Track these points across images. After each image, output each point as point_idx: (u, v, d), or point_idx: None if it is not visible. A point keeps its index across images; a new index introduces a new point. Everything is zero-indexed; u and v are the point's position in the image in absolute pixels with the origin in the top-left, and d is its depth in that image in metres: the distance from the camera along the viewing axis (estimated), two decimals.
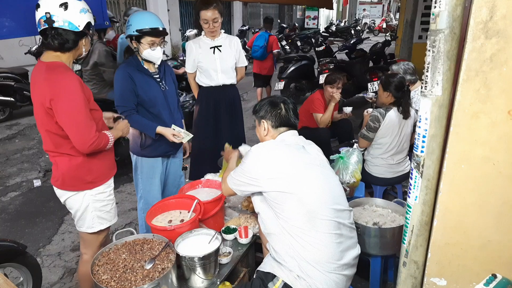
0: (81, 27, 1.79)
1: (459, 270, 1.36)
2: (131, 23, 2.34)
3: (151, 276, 1.64)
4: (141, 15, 2.40)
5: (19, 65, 6.98)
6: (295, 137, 1.92)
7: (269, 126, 1.91)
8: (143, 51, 2.37)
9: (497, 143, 1.18)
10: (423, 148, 1.30)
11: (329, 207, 1.72)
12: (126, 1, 10.06)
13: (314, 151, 1.91)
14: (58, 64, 1.80)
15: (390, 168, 3.15)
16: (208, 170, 2.83)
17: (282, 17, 20.21)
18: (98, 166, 1.99)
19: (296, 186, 1.70)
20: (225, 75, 3.15)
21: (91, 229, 2.06)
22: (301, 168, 1.75)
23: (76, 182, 1.95)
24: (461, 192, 1.28)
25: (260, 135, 1.98)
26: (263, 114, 1.93)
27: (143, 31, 2.31)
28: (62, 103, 1.75)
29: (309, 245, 1.66)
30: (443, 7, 1.14)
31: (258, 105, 1.98)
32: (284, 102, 1.94)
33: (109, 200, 2.09)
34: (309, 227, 1.67)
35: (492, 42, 1.11)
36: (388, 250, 2.21)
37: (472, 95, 1.17)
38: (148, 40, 2.34)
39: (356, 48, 7.71)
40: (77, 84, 1.77)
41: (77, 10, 1.76)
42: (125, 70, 2.40)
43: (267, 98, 2.01)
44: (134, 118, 2.42)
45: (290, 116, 1.92)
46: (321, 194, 1.72)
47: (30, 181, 4.34)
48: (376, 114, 3.04)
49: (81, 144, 1.81)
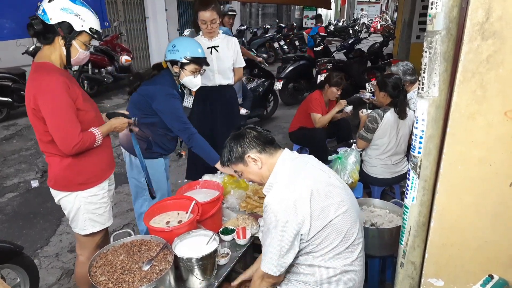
0: (53, 21, 1.73)
1: (456, 271, 1.36)
2: (177, 48, 2.38)
3: (149, 278, 1.64)
4: (188, 42, 2.46)
5: (16, 65, 6.95)
6: (292, 154, 1.71)
7: (257, 154, 1.65)
8: (184, 77, 2.43)
9: (494, 144, 1.19)
10: (420, 149, 1.31)
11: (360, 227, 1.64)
12: (124, 1, 10.04)
13: (316, 163, 1.72)
14: (43, 64, 1.80)
15: (388, 169, 3.15)
16: (205, 170, 2.82)
17: (280, 17, 20.21)
18: (90, 167, 1.96)
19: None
20: (222, 75, 3.15)
21: (83, 231, 2.05)
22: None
23: (67, 183, 1.94)
24: (458, 193, 1.28)
25: (257, 174, 1.68)
26: (240, 151, 1.66)
27: (190, 59, 2.36)
28: (44, 103, 1.74)
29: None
30: (439, 8, 1.14)
31: (226, 154, 1.70)
32: (244, 127, 1.73)
33: (103, 203, 2.05)
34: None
35: (489, 43, 1.11)
36: (386, 251, 2.22)
37: (469, 96, 1.18)
38: (192, 68, 2.40)
39: (354, 48, 7.72)
40: (59, 84, 1.74)
41: (60, 6, 1.73)
42: (174, 92, 2.43)
43: (227, 141, 1.74)
44: (199, 142, 2.45)
45: (264, 132, 1.71)
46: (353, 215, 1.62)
47: (28, 182, 4.33)
48: (374, 115, 3.05)
49: (64, 145, 1.79)
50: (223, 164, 1.76)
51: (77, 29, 1.77)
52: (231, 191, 2.49)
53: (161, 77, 2.47)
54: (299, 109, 4.22)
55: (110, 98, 8.21)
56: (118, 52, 8.61)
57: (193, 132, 2.44)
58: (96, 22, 1.84)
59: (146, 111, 2.43)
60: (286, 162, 1.64)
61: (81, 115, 1.85)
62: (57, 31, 1.76)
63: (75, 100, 1.82)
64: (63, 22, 1.74)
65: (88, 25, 1.80)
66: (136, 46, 10.64)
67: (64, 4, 1.74)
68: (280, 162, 1.64)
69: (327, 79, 3.96)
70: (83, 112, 1.86)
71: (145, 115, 2.42)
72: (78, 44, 1.81)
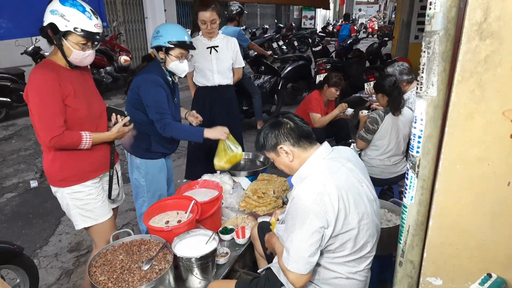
0: (44, 23, 1.81)
1: (455, 270, 1.37)
2: (161, 34, 2.34)
3: (149, 277, 1.64)
4: (173, 27, 2.41)
5: (15, 66, 6.95)
6: (329, 150, 1.63)
7: (290, 147, 1.60)
8: (170, 63, 2.38)
9: (492, 143, 1.19)
10: (418, 149, 1.31)
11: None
12: (123, 1, 10.03)
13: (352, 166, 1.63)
14: (44, 61, 1.92)
15: (387, 169, 3.16)
16: (204, 170, 2.83)
17: (279, 17, 20.24)
18: (71, 165, 1.98)
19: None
20: (221, 75, 3.15)
21: (76, 226, 2.10)
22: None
23: (51, 178, 2.01)
24: (457, 192, 1.29)
25: (287, 165, 1.65)
26: (274, 141, 1.62)
27: (177, 44, 2.32)
28: (31, 95, 1.83)
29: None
30: (438, 8, 1.15)
31: (262, 139, 1.66)
32: (284, 115, 1.68)
33: (90, 199, 2.06)
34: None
35: (487, 44, 1.11)
36: (385, 250, 2.22)
37: (467, 96, 1.18)
38: (177, 53, 2.36)
39: (353, 48, 7.73)
40: (48, 80, 1.82)
41: (49, 8, 1.81)
42: (158, 79, 2.38)
43: (264, 126, 1.70)
44: (175, 126, 2.41)
45: (302, 125, 1.64)
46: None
47: (27, 182, 4.32)
48: (374, 116, 3.05)
49: (42, 136, 1.84)
50: (256, 148, 1.73)
51: (62, 29, 1.81)
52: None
53: (149, 67, 2.45)
54: (297, 110, 4.23)
55: (109, 99, 8.20)
56: (117, 52, 8.62)
57: (168, 122, 2.39)
58: (84, 22, 1.83)
59: (140, 107, 2.41)
60: (322, 159, 1.59)
61: (69, 112, 1.89)
62: (47, 33, 1.84)
63: (65, 97, 1.87)
64: (50, 23, 1.80)
65: (73, 25, 1.81)
66: (135, 46, 10.65)
67: (53, 6, 1.81)
68: (315, 157, 1.59)
69: (326, 80, 3.97)
70: (71, 109, 1.90)
71: (142, 112, 2.42)
72: (70, 44, 1.84)
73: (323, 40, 9.46)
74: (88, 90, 2.04)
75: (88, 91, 2.04)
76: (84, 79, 2.04)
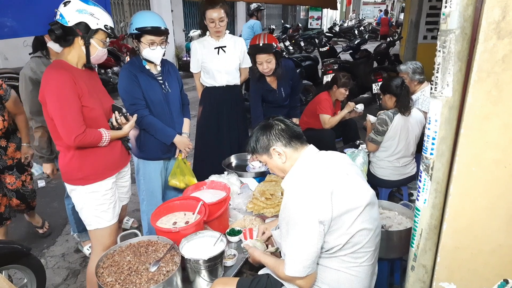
0: (71, 23, 1.84)
1: (469, 275, 1.34)
2: (132, 21, 2.35)
3: (156, 279, 1.63)
4: (143, 14, 2.40)
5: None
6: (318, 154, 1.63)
7: (282, 148, 1.60)
8: (142, 50, 2.37)
9: (509, 145, 1.16)
10: (432, 151, 1.28)
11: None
12: (130, 2, 10.07)
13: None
14: (56, 62, 1.91)
15: (396, 171, 3.12)
16: (211, 170, 2.81)
17: (285, 18, 20.21)
18: (90, 164, 1.99)
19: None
20: (229, 75, 3.13)
21: (89, 226, 2.09)
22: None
23: (69, 177, 2.01)
24: (472, 195, 1.26)
25: (280, 168, 1.65)
26: (266, 143, 1.63)
27: (142, 30, 2.31)
28: (49, 97, 1.83)
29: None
30: (453, 7, 1.12)
31: (252, 143, 1.67)
32: (274, 118, 1.68)
33: (106, 200, 2.06)
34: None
35: (505, 43, 1.09)
36: (395, 253, 2.19)
37: (484, 97, 1.15)
38: (148, 39, 2.34)
39: (360, 49, 7.68)
40: (65, 79, 1.83)
41: (75, 8, 1.84)
42: (129, 70, 2.40)
43: (255, 129, 1.70)
44: (149, 120, 2.42)
45: (293, 126, 1.66)
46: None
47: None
48: (384, 117, 3.02)
49: (66, 136, 1.86)
50: (248, 152, 1.72)
51: (93, 28, 1.87)
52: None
53: (131, 59, 2.47)
54: (305, 111, 4.19)
55: (116, 98, 8.17)
56: (124, 53, 8.65)
57: (143, 115, 2.39)
58: (109, 19, 1.93)
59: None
60: (309, 158, 1.59)
61: (85, 111, 1.92)
62: (76, 32, 1.86)
63: (81, 97, 1.89)
64: (80, 22, 1.85)
65: (103, 22, 1.90)
66: None
67: (79, 6, 1.84)
68: (303, 157, 1.59)
69: (334, 80, 3.93)
70: (87, 109, 1.93)
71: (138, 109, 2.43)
72: (96, 42, 1.91)
73: (330, 41, 9.40)
74: (98, 89, 2.07)
75: (98, 90, 2.07)
76: (93, 79, 2.07)
